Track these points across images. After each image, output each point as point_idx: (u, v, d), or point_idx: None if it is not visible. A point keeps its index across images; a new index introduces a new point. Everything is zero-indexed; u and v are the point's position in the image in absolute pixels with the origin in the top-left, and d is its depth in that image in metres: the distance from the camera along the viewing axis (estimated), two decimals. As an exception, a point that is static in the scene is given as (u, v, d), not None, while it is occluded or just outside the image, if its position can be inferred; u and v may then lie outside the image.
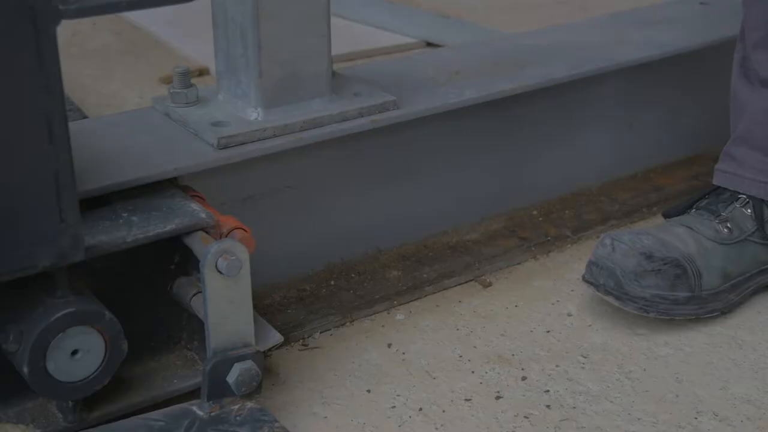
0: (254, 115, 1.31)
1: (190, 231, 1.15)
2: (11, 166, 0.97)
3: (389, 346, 1.34)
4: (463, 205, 1.59)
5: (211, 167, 1.25)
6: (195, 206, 1.17)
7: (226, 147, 1.26)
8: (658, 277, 1.33)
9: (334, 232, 1.46)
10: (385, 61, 1.81)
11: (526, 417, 1.21)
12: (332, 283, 1.45)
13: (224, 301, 1.12)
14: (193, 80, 1.37)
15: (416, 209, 1.54)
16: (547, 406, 1.23)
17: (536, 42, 1.68)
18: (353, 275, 1.48)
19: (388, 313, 1.42)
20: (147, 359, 1.22)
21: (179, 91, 1.33)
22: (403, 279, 1.48)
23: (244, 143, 1.27)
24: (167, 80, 2.26)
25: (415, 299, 1.44)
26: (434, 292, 1.46)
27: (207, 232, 1.15)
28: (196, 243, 1.14)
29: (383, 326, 1.39)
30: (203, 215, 1.16)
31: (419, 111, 1.40)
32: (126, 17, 2.61)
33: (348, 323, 1.39)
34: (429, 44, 2.63)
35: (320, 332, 1.37)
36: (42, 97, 0.96)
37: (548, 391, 1.26)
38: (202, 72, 2.31)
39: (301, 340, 1.35)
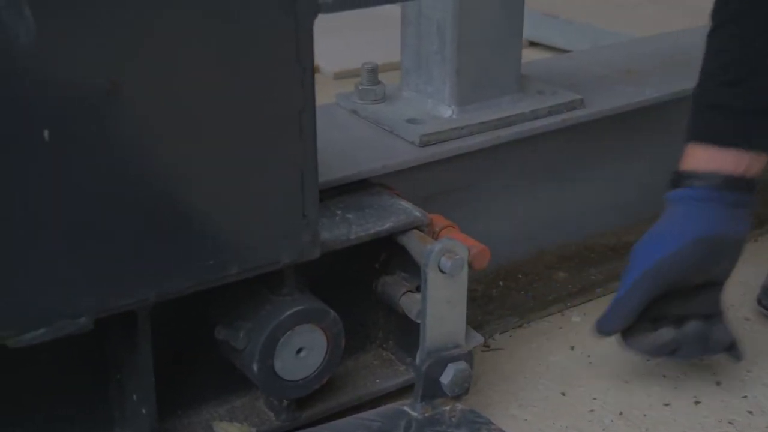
0: (448, 112, 1.30)
1: (406, 229, 1.13)
2: (262, 161, 0.95)
3: (572, 348, 1.33)
4: (620, 207, 1.57)
5: (414, 165, 1.23)
6: (406, 204, 1.16)
7: (427, 145, 1.25)
8: None
9: (500, 231, 1.44)
10: (549, 59, 1.77)
11: (730, 423, 1.19)
12: (501, 283, 1.44)
13: (442, 301, 1.10)
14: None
15: (576, 210, 1.52)
16: (750, 412, 1.21)
17: (692, 41, 1.65)
18: (520, 276, 1.46)
19: (563, 315, 1.40)
20: (346, 358, 1.20)
21: (368, 88, 1.31)
22: (572, 280, 1.46)
23: (443, 141, 1.26)
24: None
25: (587, 301, 1.43)
26: (604, 294, 1.44)
27: (421, 231, 1.14)
28: (413, 242, 1.12)
29: (561, 328, 1.37)
30: (417, 213, 1.14)
31: (607, 110, 1.38)
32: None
33: (525, 324, 1.37)
34: (532, 44, 2.61)
35: (500, 333, 1.35)
36: (297, 91, 0.95)
37: (746, 396, 1.24)
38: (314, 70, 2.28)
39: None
